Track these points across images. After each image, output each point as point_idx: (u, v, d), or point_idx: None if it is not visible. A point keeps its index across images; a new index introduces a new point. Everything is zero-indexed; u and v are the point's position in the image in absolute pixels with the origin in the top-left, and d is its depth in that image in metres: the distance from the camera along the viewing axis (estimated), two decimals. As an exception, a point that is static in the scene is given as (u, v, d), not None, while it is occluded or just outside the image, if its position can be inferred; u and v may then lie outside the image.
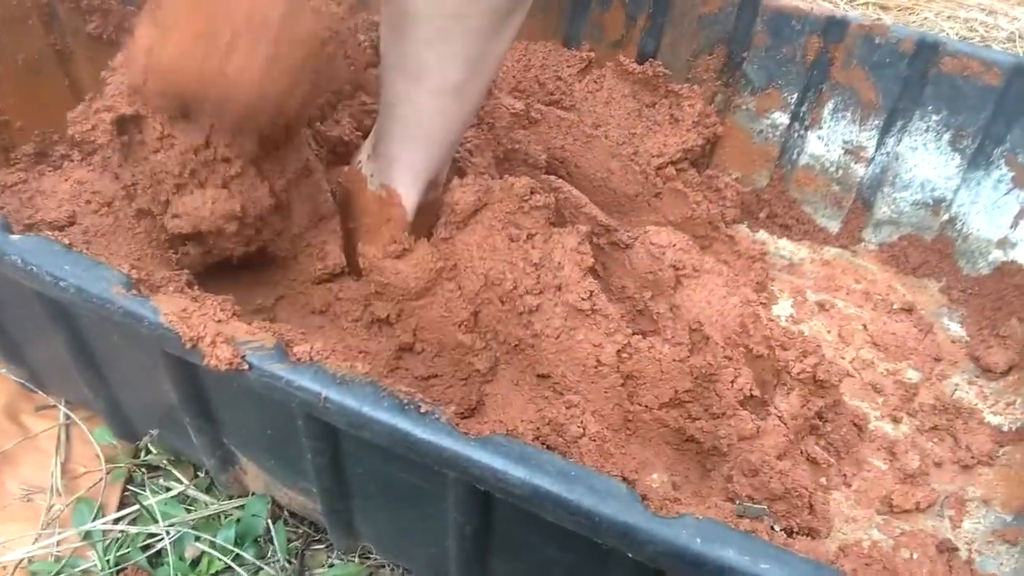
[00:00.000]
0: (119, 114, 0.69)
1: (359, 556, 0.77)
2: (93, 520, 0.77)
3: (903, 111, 1.00)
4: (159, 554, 0.76)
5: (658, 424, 0.71)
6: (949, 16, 1.63)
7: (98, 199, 0.76)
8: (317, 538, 0.78)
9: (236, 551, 0.75)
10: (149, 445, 0.82)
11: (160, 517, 0.77)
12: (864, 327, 0.97)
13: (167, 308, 0.57)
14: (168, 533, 0.76)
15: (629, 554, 0.49)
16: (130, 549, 0.75)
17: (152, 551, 0.75)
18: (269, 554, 0.76)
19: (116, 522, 0.77)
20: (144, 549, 0.75)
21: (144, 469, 0.82)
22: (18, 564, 0.74)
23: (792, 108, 1.06)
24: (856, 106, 1.03)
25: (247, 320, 0.59)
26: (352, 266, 0.79)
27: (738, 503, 0.70)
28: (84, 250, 0.63)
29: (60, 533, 0.76)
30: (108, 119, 0.71)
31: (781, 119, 1.07)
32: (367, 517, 0.68)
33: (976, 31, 1.59)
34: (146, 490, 0.80)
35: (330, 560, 0.77)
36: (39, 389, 0.85)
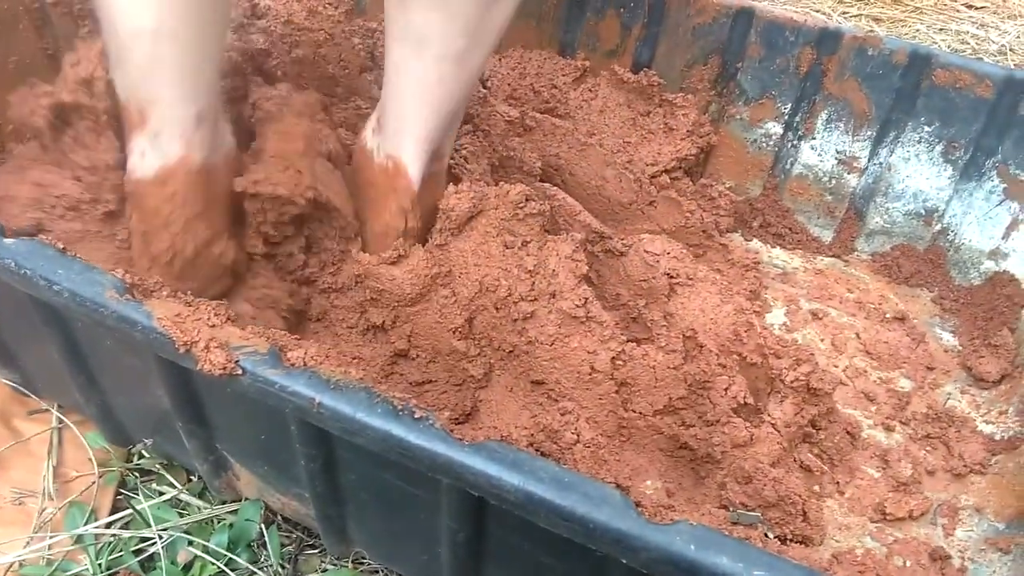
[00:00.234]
0: (58, 101, 0.70)
1: (352, 561, 0.77)
2: (85, 524, 0.76)
3: (896, 122, 1.01)
4: (151, 558, 0.75)
5: (652, 431, 0.71)
6: (941, 28, 1.64)
7: (63, 203, 0.74)
8: (310, 543, 0.78)
9: (229, 556, 0.74)
10: (142, 450, 0.81)
11: (153, 521, 0.76)
12: (857, 336, 0.98)
13: (161, 312, 0.57)
14: (161, 537, 0.75)
15: (623, 561, 0.49)
16: (122, 553, 0.75)
17: (144, 555, 0.75)
18: (262, 559, 0.76)
19: (108, 526, 0.77)
20: (136, 553, 0.75)
21: (137, 473, 0.82)
22: (9, 568, 0.73)
23: (786, 118, 1.07)
24: (849, 117, 1.03)
25: (240, 325, 0.59)
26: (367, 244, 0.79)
27: (732, 510, 0.70)
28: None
29: (52, 537, 0.76)
30: (46, 104, 0.72)
31: (775, 129, 1.08)
32: (360, 523, 0.68)
33: (968, 44, 1.60)
34: (139, 494, 0.80)
35: (323, 565, 0.77)
36: (31, 393, 0.85)
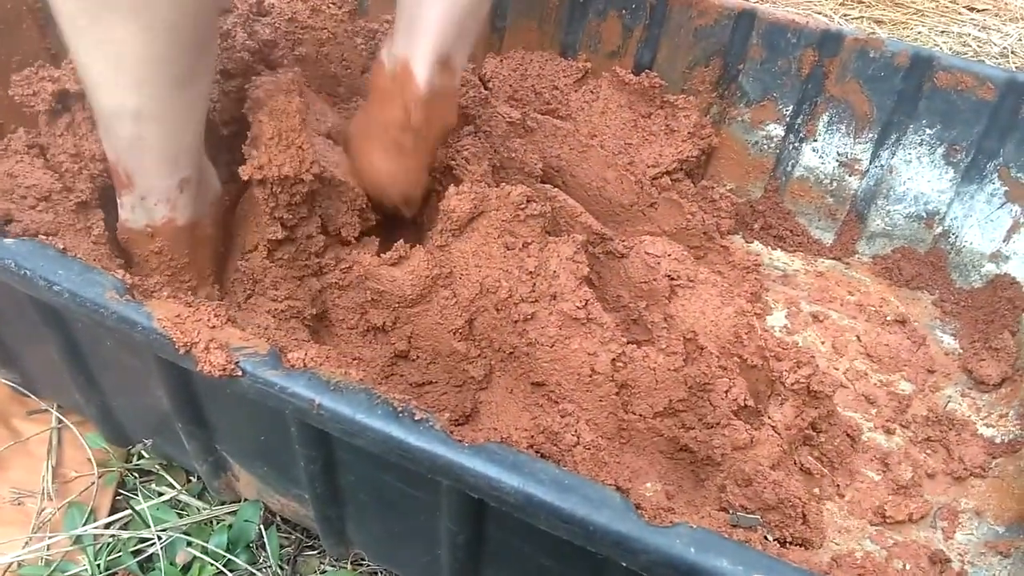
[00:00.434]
0: (63, 88, 0.70)
1: (351, 563, 0.77)
2: (84, 524, 0.76)
3: (897, 124, 1.01)
4: (150, 559, 0.75)
5: (652, 433, 0.71)
6: (943, 31, 1.64)
7: (34, 193, 0.73)
8: (309, 544, 0.78)
9: (228, 556, 0.74)
10: (142, 451, 0.81)
11: (152, 522, 0.76)
12: (858, 338, 0.98)
13: (161, 313, 0.57)
14: (159, 538, 0.75)
15: (623, 563, 0.49)
16: (121, 554, 0.75)
17: (143, 556, 0.75)
18: (261, 560, 0.76)
19: (107, 527, 0.77)
20: (135, 554, 0.75)
21: (136, 474, 0.82)
22: (8, 568, 0.73)
23: (787, 120, 1.07)
24: (851, 119, 1.03)
25: (240, 327, 0.59)
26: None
27: (732, 513, 0.70)
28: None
29: (51, 537, 0.75)
30: (51, 89, 0.72)
31: (776, 131, 1.08)
32: (360, 524, 0.68)
33: (969, 46, 1.60)
34: (138, 495, 0.80)
35: (322, 566, 0.77)
36: (31, 393, 0.85)
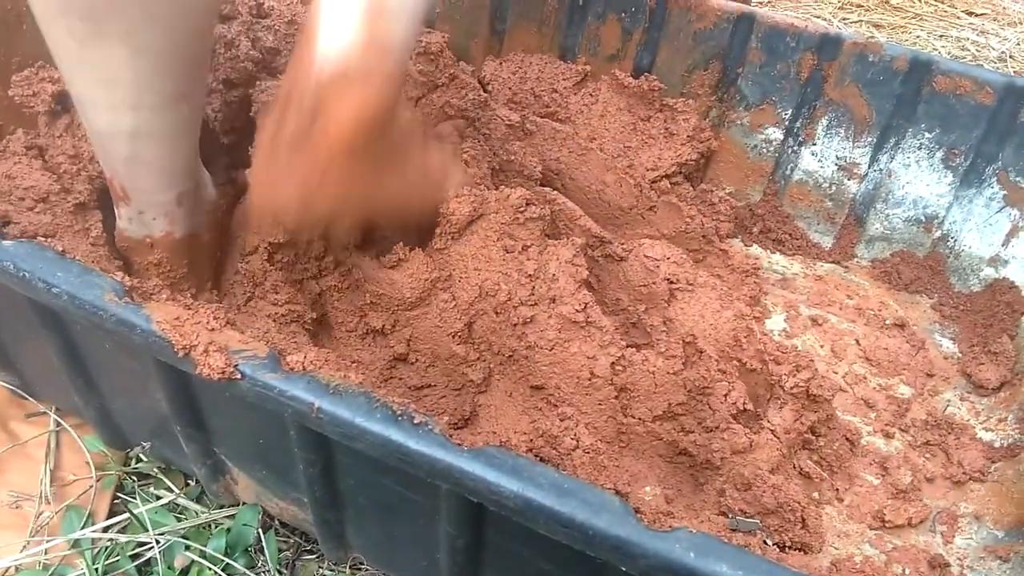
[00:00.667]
0: (62, 89, 0.70)
1: (350, 567, 0.76)
2: (82, 528, 0.76)
3: (896, 128, 1.01)
4: (148, 563, 0.75)
5: (651, 437, 0.71)
6: (941, 35, 1.64)
7: (32, 195, 0.73)
8: (308, 548, 0.78)
9: (226, 560, 0.74)
10: (140, 454, 0.81)
11: (150, 525, 0.76)
12: (857, 342, 0.98)
13: (160, 316, 0.56)
14: (158, 542, 0.75)
15: (622, 568, 0.49)
16: (119, 557, 0.75)
17: (141, 560, 0.75)
18: (259, 564, 0.76)
19: (105, 530, 0.77)
20: (133, 558, 0.75)
21: (134, 477, 0.82)
22: (5, 571, 0.73)
23: (786, 124, 1.07)
24: (850, 123, 1.03)
25: (239, 329, 0.59)
26: None
27: (731, 517, 0.70)
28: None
29: (48, 541, 0.75)
30: (50, 90, 0.72)
31: (775, 135, 1.08)
32: (359, 528, 0.68)
33: (968, 50, 1.61)
34: (136, 498, 0.79)
35: (321, 570, 0.76)
36: (30, 396, 0.85)
